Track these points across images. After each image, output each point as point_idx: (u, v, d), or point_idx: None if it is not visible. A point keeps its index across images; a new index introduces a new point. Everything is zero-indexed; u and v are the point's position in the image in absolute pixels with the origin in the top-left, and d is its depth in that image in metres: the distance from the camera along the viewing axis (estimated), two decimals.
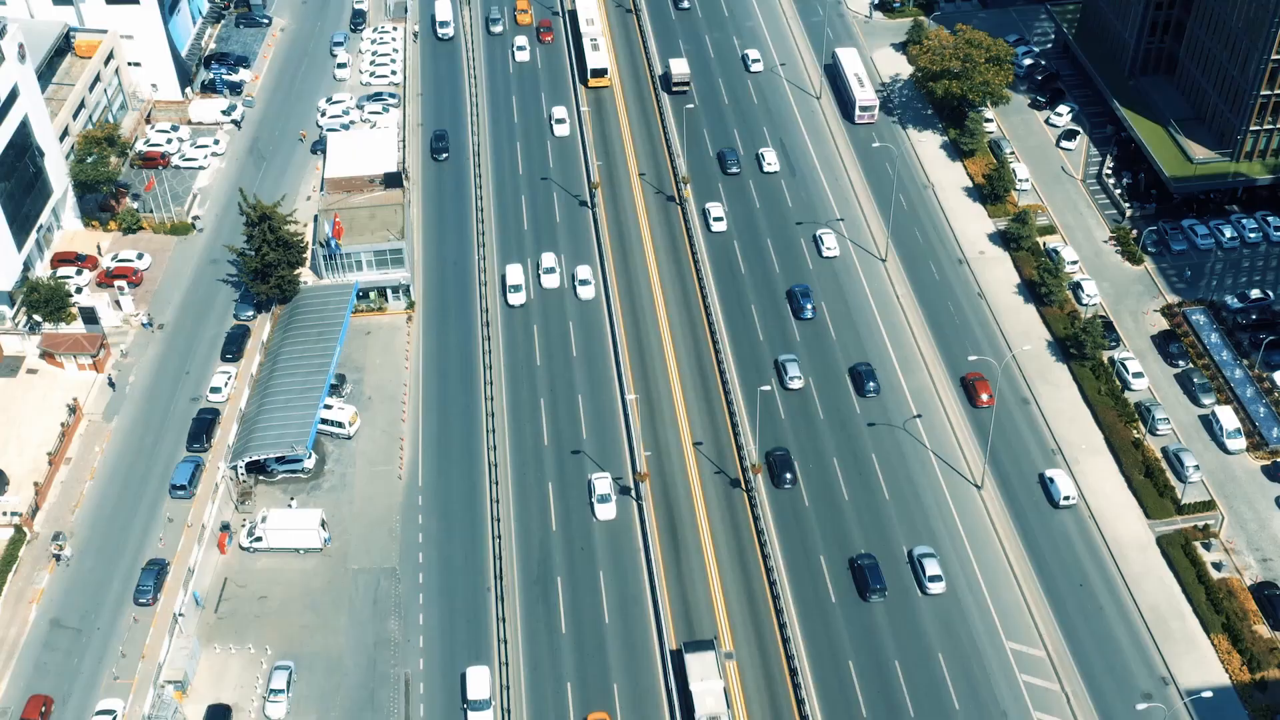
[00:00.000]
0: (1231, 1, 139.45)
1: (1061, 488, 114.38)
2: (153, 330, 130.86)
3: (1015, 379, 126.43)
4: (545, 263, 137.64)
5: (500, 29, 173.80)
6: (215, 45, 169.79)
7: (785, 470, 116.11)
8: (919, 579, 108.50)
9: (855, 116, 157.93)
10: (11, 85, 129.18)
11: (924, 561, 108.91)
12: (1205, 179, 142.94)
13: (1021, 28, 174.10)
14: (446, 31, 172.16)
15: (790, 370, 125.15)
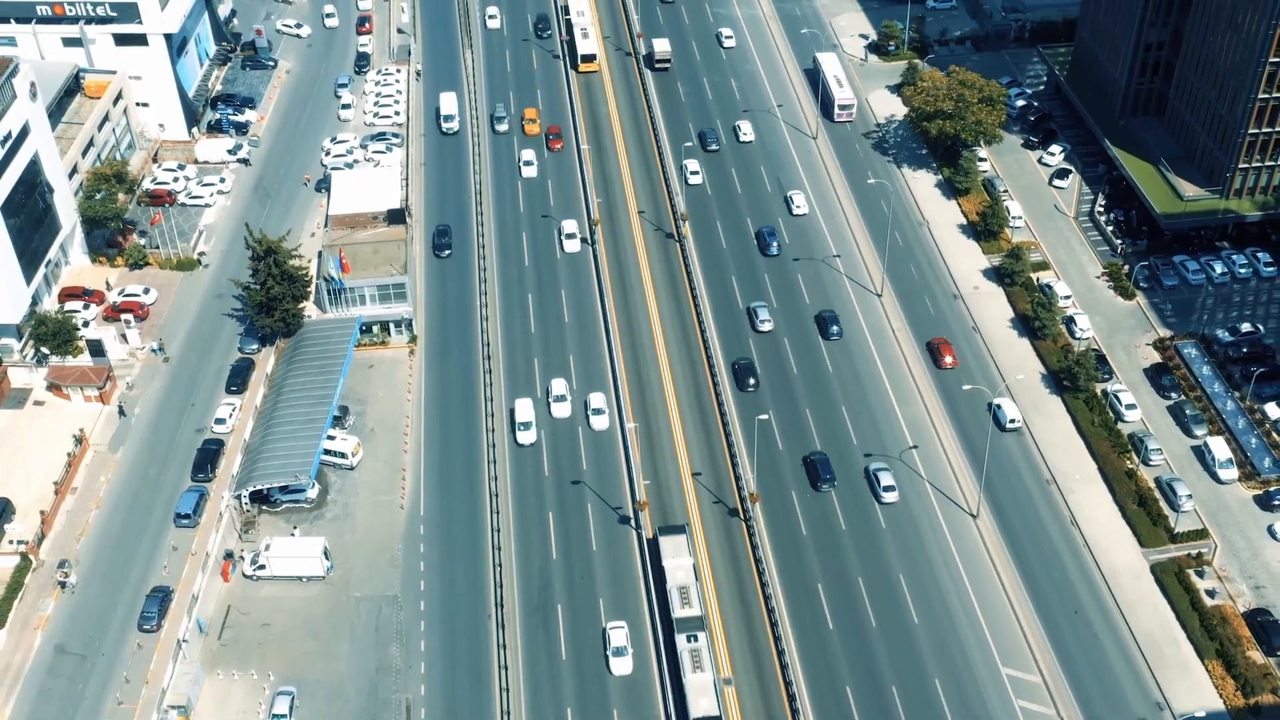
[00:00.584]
0: (1219, 43, 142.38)
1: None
2: (161, 356, 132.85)
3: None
4: (554, 391, 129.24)
5: (505, 127, 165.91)
6: (222, 87, 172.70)
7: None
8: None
9: (835, 115, 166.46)
10: (23, 123, 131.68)
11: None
12: (1195, 216, 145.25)
13: (1014, 70, 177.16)
14: (451, 126, 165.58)
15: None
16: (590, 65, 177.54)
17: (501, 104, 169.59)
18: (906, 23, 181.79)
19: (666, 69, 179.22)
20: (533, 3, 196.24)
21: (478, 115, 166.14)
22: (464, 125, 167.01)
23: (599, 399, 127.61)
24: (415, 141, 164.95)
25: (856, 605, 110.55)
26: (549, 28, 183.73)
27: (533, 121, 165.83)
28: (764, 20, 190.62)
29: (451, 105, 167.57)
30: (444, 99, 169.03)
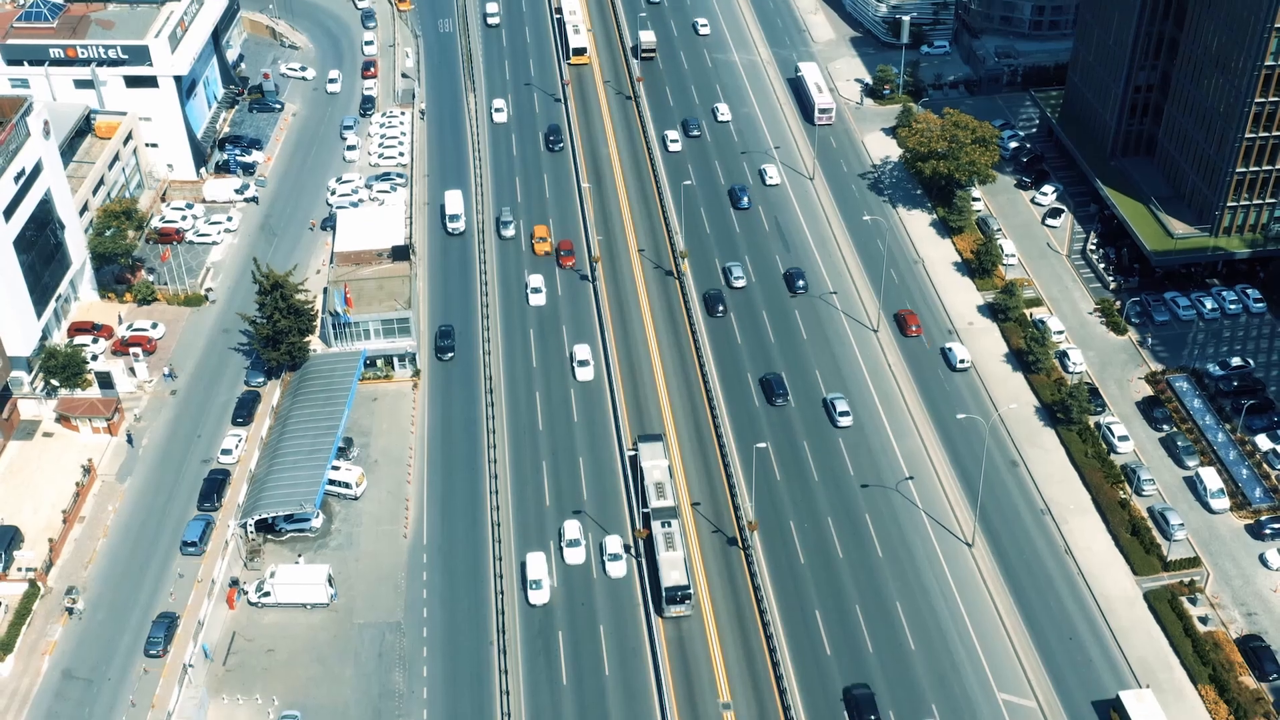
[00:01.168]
0: (1207, 85, 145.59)
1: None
2: (170, 387, 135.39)
3: (1004, 442, 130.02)
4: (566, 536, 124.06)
5: (511, 232, 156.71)
6: (229, 128, 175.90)
7: None
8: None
9: (815, 119, 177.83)
10: (36, 161, 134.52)
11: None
12: (1185, 253, 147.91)
13: (1007, 113, 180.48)
14: (457, 226, 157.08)
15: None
16: (581, 58, 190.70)
17: (508, 207, 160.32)
18: (901, 67, 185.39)
19: (652, 58, 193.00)
20: (542, 105, 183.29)
21: (483, 213, 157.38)
22: (470, 226, 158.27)
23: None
24: (419, 181, 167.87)
25: (854, 632, 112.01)
26: (560, 140, 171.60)
27: (542, 240, 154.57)
28: (761, 65, 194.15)
29: (457, 204, 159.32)
30: (449, 197, 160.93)
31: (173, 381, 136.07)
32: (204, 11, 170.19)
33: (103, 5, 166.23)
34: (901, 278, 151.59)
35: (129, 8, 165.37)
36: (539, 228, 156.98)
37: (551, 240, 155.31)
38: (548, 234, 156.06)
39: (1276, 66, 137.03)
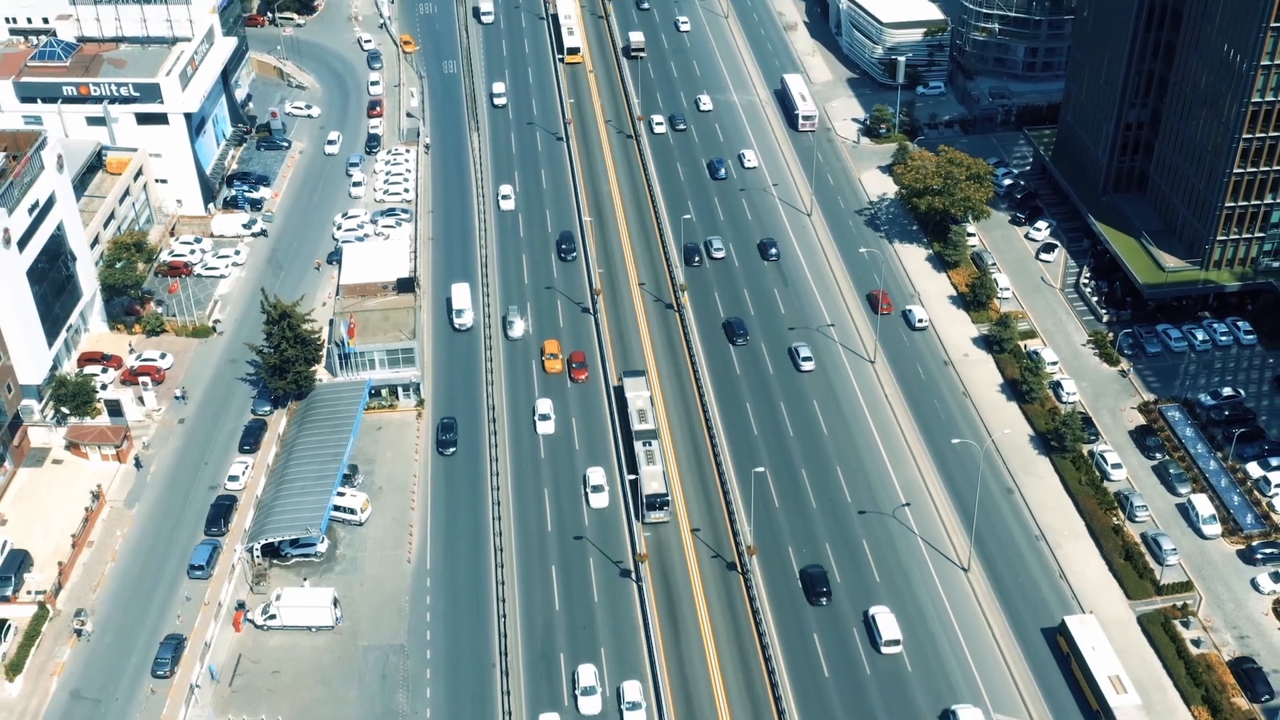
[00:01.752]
0: (1196, 121, 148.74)
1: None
2: (184, 403, 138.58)
3: (999, 470, 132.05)
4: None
5: (518, 333, 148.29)
6: (238, 165, 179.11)
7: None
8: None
9: (799, 125, 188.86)
10: (49, 193, 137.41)
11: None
12: (1177, 286, 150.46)
13: (1001, 151, 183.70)
14: (463, 322, 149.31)
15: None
16: (575, 57, 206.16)
17: (515, 306, 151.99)
18: (897, 107, 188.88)
19: (641, 57, 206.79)
20: (554, 211, 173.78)
21: (490, 307, 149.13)
22: (477, 322, 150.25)
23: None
24: (424, 217, 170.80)
25: (851, 654, 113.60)
26: (574, 249, 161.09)
27: (553, 357, 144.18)
28: (760, 105, 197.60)
29: (464, 299, 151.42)
30: (456, 291, 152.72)
31: (184, 404, 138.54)
32: (214, 51, 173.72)
33: (114, 46, 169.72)
34: (897, 308, 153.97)
35: (140, 48, 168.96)
36: (549, 343, 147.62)
37: (562, 358, 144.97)
38: (558, 350, 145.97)
39: (1263, 103, 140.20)
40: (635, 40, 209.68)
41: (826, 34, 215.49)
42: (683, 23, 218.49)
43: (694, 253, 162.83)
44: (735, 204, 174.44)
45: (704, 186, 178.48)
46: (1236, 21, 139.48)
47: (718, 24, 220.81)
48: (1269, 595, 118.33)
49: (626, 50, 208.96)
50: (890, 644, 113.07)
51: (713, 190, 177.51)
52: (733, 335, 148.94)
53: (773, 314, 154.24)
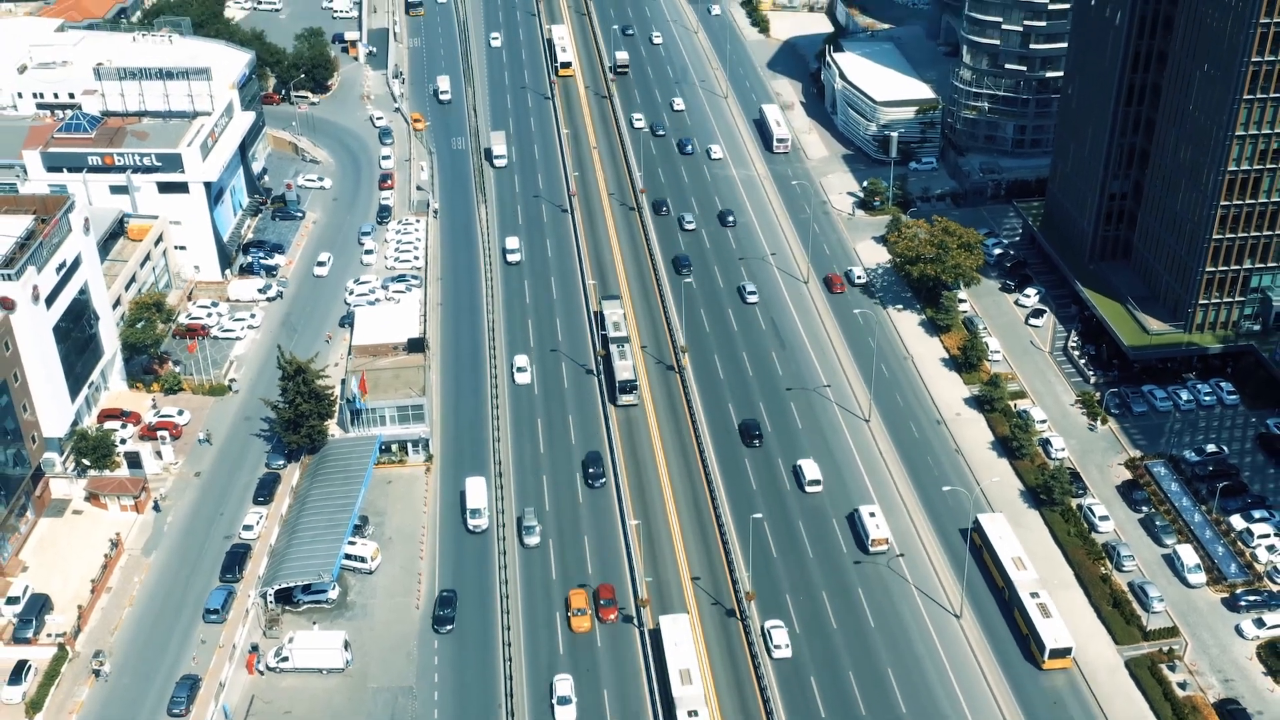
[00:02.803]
0: (1176, 190, 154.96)
1: None
2: (208, 445, 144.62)
3: None
4: None
5: (536, 540, 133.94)
6: (253, 234, 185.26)
7: None
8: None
9: (774, 148, 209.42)
10: (76, 254, 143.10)
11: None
12: (1161, 348, 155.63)
13: (991, 223, 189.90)
14: (478, 524, 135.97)
15: None
16: (567, 71, 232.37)
17: (531, 509, 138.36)
18: (890, 181, 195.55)
19: (626, 73, 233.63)
20: (558, 267, 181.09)
21: (504, 509, 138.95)
22: (492, 524, 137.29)
23: None
24: (434, 283, 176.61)
25: (847, 697, 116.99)
26: (603, 474, 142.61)
27: (580, 613, 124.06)
28: (758, 180, 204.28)
29: (480, 496, 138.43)
30: (470, 486, 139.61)
31: (207, 446, 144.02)
32: (233, 125, 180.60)
33: (138, 119, 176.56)
34: (892, 372, 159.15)
35: (163, 121, 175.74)
36: (575, 594, 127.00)
37: (590, 608, 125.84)
38: (586, 603, 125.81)
39: (1239, 172, 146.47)
40: (620, 59, 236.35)
41: (822, 113, 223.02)
42: (677, 104, 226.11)
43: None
44: (734, 272, 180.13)
45: (704, 254, 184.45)
46: (1212, 95, 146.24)
47: (716, 103, 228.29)
48: (1252, 640, 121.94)
49: (614, 67, 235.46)
50: None
51: (712, 258, 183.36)
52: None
53: (770, 375, 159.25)
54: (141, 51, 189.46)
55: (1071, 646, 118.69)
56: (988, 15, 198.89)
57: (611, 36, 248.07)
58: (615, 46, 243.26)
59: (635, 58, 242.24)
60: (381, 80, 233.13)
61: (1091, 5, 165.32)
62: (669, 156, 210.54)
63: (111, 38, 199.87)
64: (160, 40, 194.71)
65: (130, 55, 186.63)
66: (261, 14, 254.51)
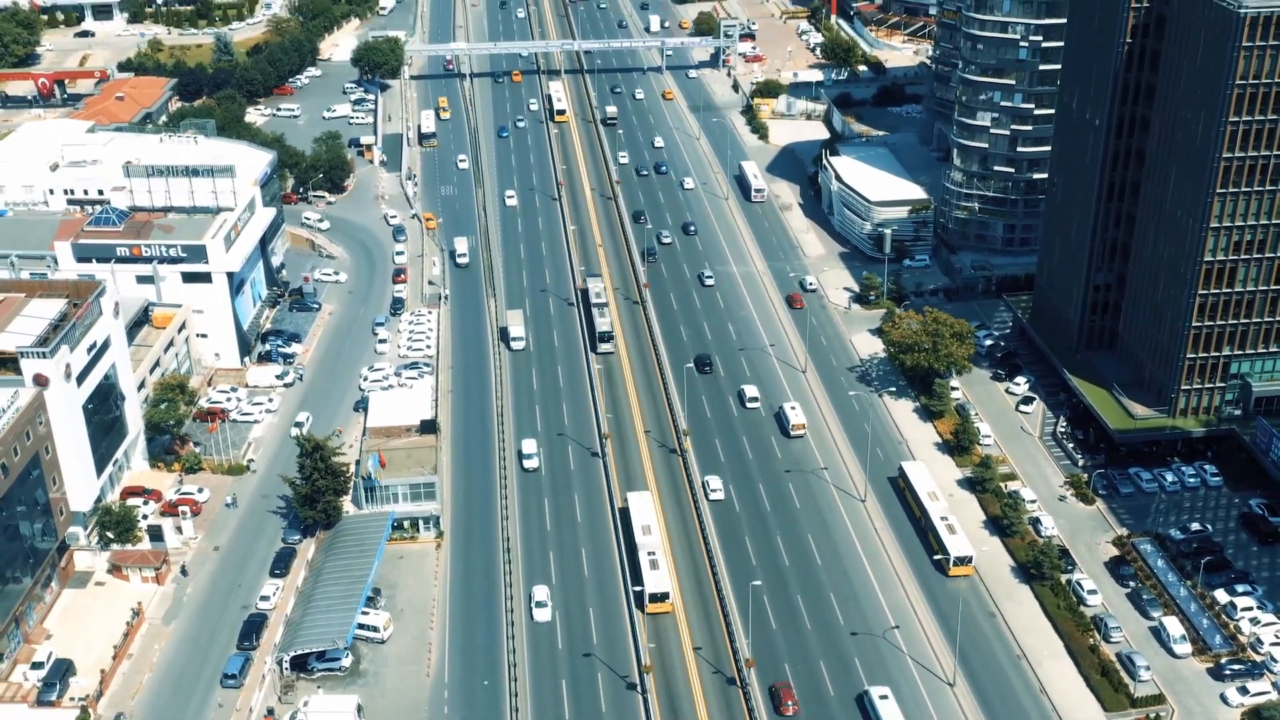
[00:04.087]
0: (1156, 281, 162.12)
1: None
2: (234, 508, 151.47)
3: (982, 596, 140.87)
4: None
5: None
6: (271, 324, 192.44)
7: None
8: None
9: (752, 197, 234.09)
10: (105, 337, 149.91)
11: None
12: (1146, 432, 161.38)
13: (983, 316, 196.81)
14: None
15: None
16: (563, 117, 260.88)
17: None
18: (885, 276, 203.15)
19: (614, 124, 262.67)
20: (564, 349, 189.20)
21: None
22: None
23: None
24: (444, 371, 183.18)
25: None
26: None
27: None
28: (758, 276, 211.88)
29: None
30: None
31: (233, 509, 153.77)
32: (254, 220, 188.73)
33: (163, 214, 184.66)
34: (887, 455, 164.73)
35: (188, 216, 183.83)
36: None
37: None
38: None
39: (1215, 262, 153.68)
40: (610, 112, 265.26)
41: (819, 214, 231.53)
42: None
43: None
44: (735, 363, 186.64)
45: (706, 345, 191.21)
46: (1187, 190, 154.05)
47: (719, 206, 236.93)
48: (1237, 708, 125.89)
49: (604, 120, 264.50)
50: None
51: (713, 349, 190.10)
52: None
53: (770, 458, 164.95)
54: (168, 151, 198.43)
55: (972, 555, 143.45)
56: (976, 120, 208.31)
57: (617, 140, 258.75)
58: (622, 150, 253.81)
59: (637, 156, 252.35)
60: (395, 182, 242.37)
61: (1073, 109, 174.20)
62: (672, 258, 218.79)
63: (140, 138, 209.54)
64: (186, 141, 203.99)
65: (157, 155, 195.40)
66: (281, 120, 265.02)
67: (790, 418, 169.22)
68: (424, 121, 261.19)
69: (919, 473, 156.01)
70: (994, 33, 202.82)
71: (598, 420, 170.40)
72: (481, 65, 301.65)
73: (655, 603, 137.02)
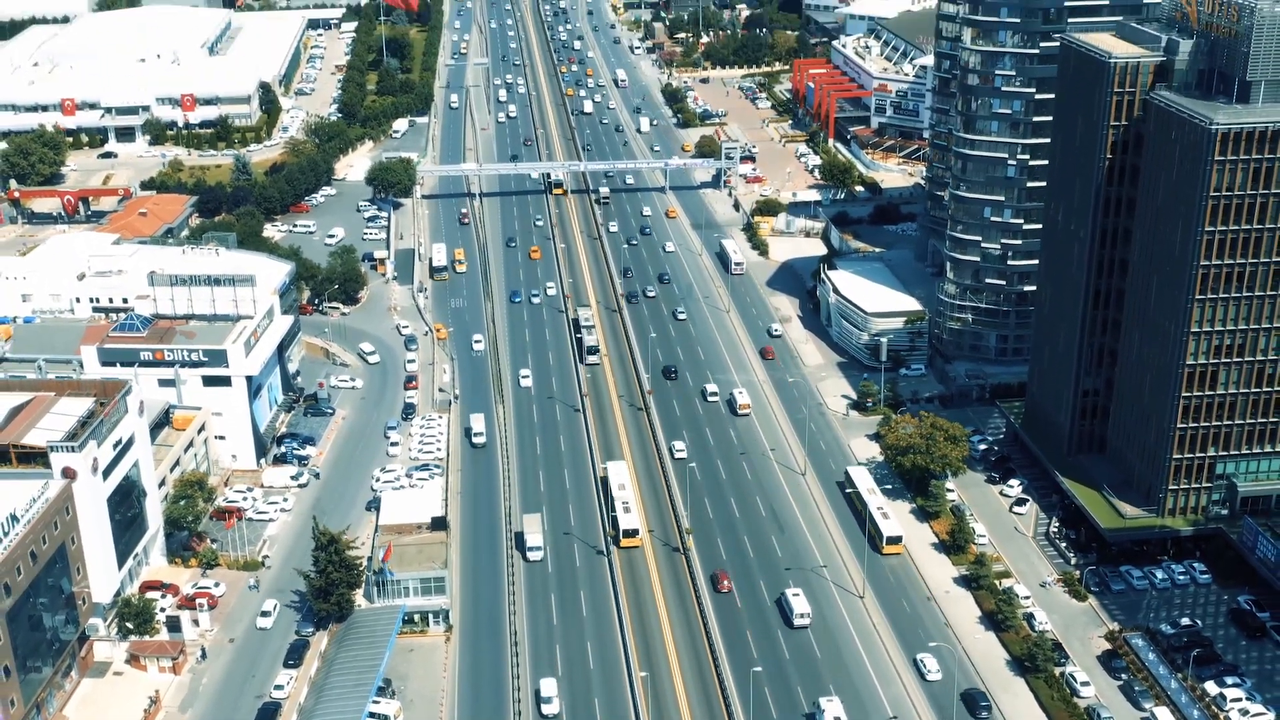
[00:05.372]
0: (1141, 384, 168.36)
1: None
2: (256, 590, 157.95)
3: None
4: None
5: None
6: (287, 428, 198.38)
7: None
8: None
9: (731, 269, 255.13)
10: (130, 434, 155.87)
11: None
12: (1136, 531, 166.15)
13: (977, 422, 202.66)
14: None
15: None
16: (559, 190, 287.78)
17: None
18: (881, 384, 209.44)
19: (608, 203, 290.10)
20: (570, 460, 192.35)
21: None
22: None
23: None
24: (454, 474, 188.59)
25: None
26: None
27: None
28: (759, 385, 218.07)
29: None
30: None
31: (256, 591, 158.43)
32: (273, 327, 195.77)
33: (185, 321, 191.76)
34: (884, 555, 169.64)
35: (208, 323, 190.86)
36: None
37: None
38: None
39: (1197, 365, 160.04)
40: (604, 193, 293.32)
41: (818, 326, 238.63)
42: (680, 314, 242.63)
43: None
44: (737, 467, 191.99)
45: (706, 447, 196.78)
46: (1169, 297, 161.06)
47: (720, 317, 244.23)
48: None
49: (598, 199, 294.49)
50: None
51: (715, 451, 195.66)
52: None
53: (769, 556, 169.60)
54: (191, 262, 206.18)
55: (901, 535, 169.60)
56: (969, 235, 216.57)
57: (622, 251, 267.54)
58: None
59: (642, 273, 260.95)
60: (407, 294, 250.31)
61: (1059, 222, 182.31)
62: (686, 396, 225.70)
63: (163, 250, 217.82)
64: (207, 253, 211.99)
65: (181, 265, 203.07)
66: (297, 235, 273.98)
67: None
68: (435, 255, 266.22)
69: (861, 475, 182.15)
70: (983, 152, 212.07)
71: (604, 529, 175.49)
72: (491, 185, 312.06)
73: None
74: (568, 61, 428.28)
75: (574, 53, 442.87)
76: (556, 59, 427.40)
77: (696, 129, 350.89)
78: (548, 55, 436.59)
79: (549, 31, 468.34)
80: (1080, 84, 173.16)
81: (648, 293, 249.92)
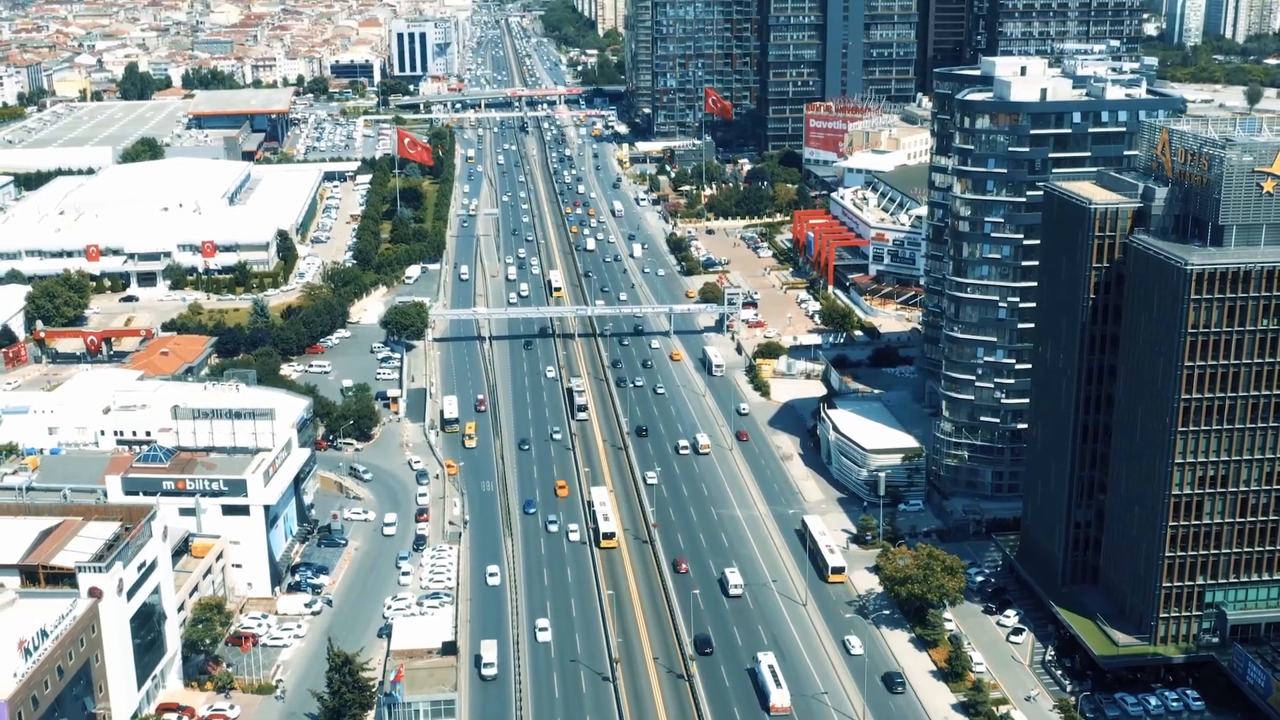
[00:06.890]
0: (1130, 515, 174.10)
1: None
2: (281, 700, 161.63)
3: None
4: None
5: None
6: (301, 558, 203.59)
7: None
8: None
9: (713, 371, 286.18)
10: (154, 557, 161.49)
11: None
12: (1129, 658, 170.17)
13: (974, 555, 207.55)
14: None
15: None
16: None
17: None
18: (880, 519, 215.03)
19: None
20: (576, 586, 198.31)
21: None
22: None
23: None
24: (464, 602, 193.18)
25: None
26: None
27: None
28: (761, 519, 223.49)
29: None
30: None
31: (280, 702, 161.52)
32: (290, 459, 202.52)
33: (205, 453, 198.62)
34: (883, 683, 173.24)
35: (228, 455, 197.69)
36: None
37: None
38: None
39: (1183, 495, 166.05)
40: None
41: (818, 463, 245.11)
42: (683, 448, 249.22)
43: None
44: (742, 606, 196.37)
45: (716, 599, 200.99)
46: (1154, 429, 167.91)
47: (723, 454, 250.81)
48: None
49: None
50: None
51: (720, 600, 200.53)
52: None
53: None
54: (212, 397, 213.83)
55: (844, 566, 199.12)
56: (963, 375, 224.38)
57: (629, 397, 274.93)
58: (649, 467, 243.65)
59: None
60: (419, 431, 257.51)
61: (1048, 360, 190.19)
62: (676, 495, 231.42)
63: (186, 386, 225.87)
64: (228, 388, 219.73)
65: (201, 401, 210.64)
66: (313, 374, 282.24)
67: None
68: (447, 407, 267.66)
69: (816, 522, 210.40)
70: (976, 295, 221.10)
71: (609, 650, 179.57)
72: (500, 329, 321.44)
73: None
74: (572, 203, 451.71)
75: (578, 195, 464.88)
76: (566, 221, 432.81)
77: (700, 276, 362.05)
78: (557, 211, 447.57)
79: (560, 197, 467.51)
80: (1064, 229, 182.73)
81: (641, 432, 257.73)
